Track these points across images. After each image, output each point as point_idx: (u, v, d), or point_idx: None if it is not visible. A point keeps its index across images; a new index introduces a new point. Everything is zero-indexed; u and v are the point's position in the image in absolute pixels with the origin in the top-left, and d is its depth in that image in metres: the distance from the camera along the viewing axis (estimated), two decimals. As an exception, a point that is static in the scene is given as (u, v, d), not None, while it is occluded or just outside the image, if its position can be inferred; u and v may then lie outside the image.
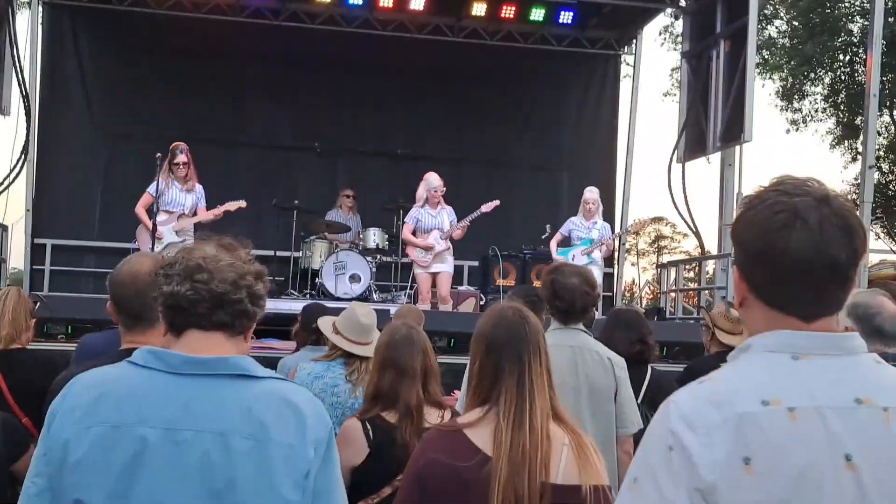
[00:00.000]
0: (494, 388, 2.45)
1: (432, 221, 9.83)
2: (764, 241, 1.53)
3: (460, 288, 11.40)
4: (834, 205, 1.53)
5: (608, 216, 11.62)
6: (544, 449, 2.36)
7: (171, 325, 1.95)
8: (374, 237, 11.06)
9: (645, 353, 4.71)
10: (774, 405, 1.48)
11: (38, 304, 5.11)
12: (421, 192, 9.90)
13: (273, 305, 9.41)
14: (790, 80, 21.16)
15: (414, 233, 9.88)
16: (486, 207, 9.98)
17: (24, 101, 11.15)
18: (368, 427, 3.31)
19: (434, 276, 9.88)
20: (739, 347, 1.64)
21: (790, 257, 1.51)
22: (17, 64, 10.97)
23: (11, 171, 10.75)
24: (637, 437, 3.73)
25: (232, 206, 9.42)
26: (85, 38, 12.91)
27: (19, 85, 11.07)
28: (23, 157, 10.99)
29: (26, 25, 12.04)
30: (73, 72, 12.82)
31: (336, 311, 4.57)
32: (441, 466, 2.37)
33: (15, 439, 3.35)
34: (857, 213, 1.60)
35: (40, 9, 12.56)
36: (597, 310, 10.41)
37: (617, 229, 12.46)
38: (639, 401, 4.26)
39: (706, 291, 12.41)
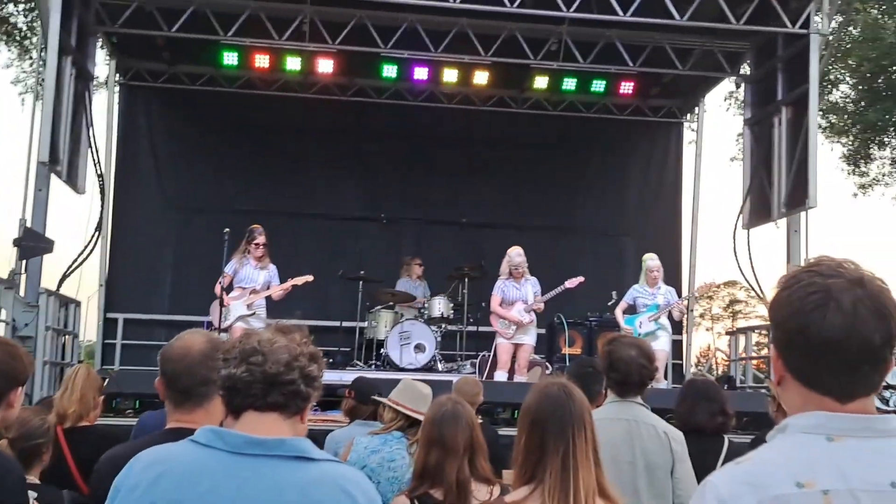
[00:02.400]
0: (539, 465, 2.44)
1: (516, 293, 9.88)
2: (798, 321, 1.54)
3: (526, 358, 11.33)
4: (868, 287, 1.53)
5: (674, 282, 11.51)
6: (590, 528, 2.33)
7: (229, 407, 2.02)
8: (440, 306, 11.10)
9: (725, 425, 4.60)
10: (808, 487, 1.47)
11: (107, 380, 5.24)
12: (504, 266, 9.97)
13: (338, 377, 9.56)
14: (856, 144, 20.84)
15: (500, 305, 9.93)
16: (571, 283, 10.00)
17: (99, 180, 11.56)
18: (416, 504, 3.31)
19: (516, 346, 9.88)
20: (777, 427, 1.63)
21: (823, 339, 1.51)
22: (93, 144, 11.41)
23: (85, 248, 11.10)
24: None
25: (299, 280, 9.67)
26: (158, 116, 13.45)
27: (95, 165, 11.49)
28: (97, 233, 11.35)
29: (103, 106, 12.60)
30: (146, 149, 13.33)
31: (392, 382, 4.60)
32: (489, 545, 2.37)
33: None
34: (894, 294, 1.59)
35: (116, 89, 13.14)
36: (664, 379, 10.31)
37: (684, 294, 12.30)
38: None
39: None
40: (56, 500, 3.34)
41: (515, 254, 9.93)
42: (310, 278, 9.77)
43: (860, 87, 19.98)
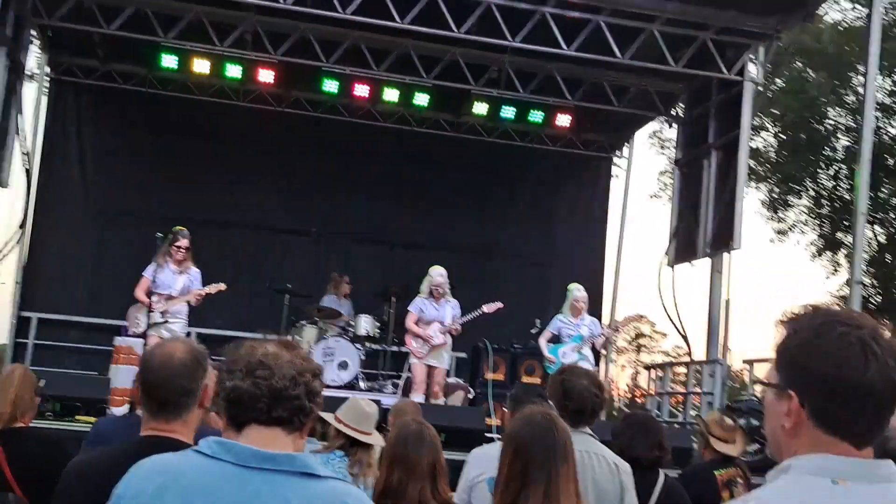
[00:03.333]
0: (522, 492, 2.47)
1: (435, 314, 9.85)
2: (842, 371, 1.57)
3: (449, 380, 11.34)
4: (882, 336, 1.61)
5: (596, 313, 11.71)
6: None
7: (231, 420, 1.99)
8: (366, 325, 11.07)
9: (661, 459, 4.69)
10: None
11: (42, 380, 5.06)
12: (424, 285, 9.95)
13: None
14: (776, 190, 21.67)
15: (416, 322, 9.89)
16: (489, 308, 10.02)
17: (26, 175, 11.21)
18: (377, 526, 3.30)
19: (430, 369, 9.87)
20: (779, 468, 1.65)
21: (865, 387, 1.56)
22: (21, 137, 11.07)
23: (6, 244, 10.73)
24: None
25: (212, 288, 9.16)
26: (87, 113, 13.12)
27: (23, 158, 11.14)
28: (21, 230, 11.00)
29: (32, 98, 12.23)
30: (73, 147, 12.99)
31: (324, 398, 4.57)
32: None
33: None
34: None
35: (46, 82, 12.77)
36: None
37: (604, 327, 12.52)
38: (651, 507, 4.24)
39: (694, 396, 12.43)
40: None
41: (437, 274, 9.91)
42: (222, 287, 9.26)
43: (782, 137, 20.79)
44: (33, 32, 11.54)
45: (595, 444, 4.05)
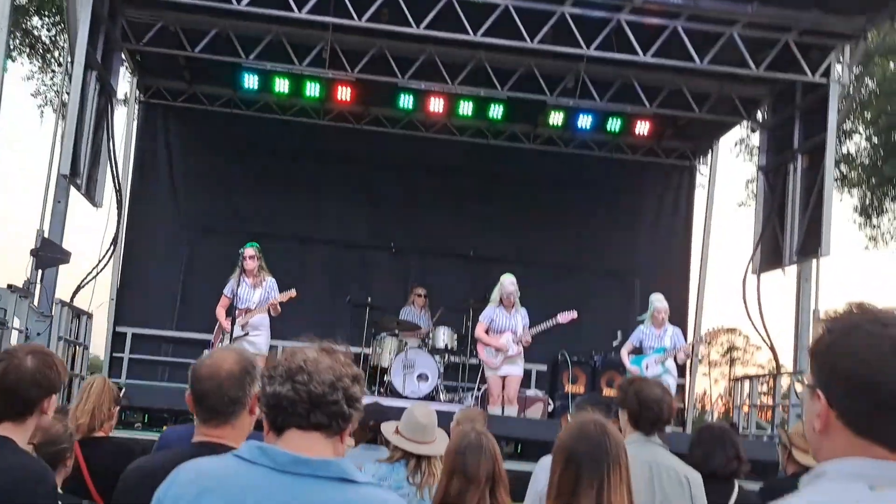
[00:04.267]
0: (573, 501, 2.44)
1: (506, 323, 9.83)
2: (868, 371, 1.52)
3: (528, 392, 11.31)
4: None
5: (680, 324, 11.51)
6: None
7: (272, 425, 2.02)
8: (444, 337, 11.12)
9: (738, 470, 4.62)
10: None
11: (123, 391, 5.24)
12: (495, 293, 9.96)
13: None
14: (869, 196, 20.90)
15: (487, 332, 9.89)
16: (563, 318, 9.93)
17: (116, 195, 11.62)
18: (437, 534, 3.31)
19: (504, 378, 9.83)
20: (813, 473, 1.60)
21: (893, 389, 1.50)
22: (113, 158, 11.49)
23: (100, 261, 11.14)
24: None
25: (283, 296, 9.30)
26: (175, 135, 13.56)
27: (113, 179, 11.56)
28: (112, 247, 11.40)
29: (122, 121, 12.70)
30: (163, 166, 13.44)
31: (400, 410, 4.62)
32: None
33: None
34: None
35: (136, 106, 13.25)
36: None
37: (690, 338, 12.28)
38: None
39: (780, 408, 12.09)
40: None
41: (508, 282, 9.88)
42: (293, 293, 9.37)
43: (875, 141, 20.08)
44: (123, 57, 11.96)
45: (666, 455, 3.99)
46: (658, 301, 10.17)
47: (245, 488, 1.91)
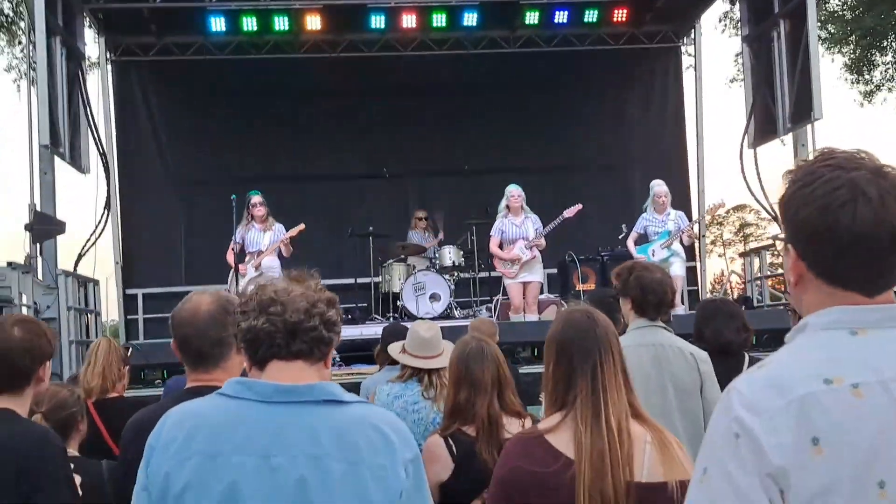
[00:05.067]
0: (570, 392, 2.44)
1: (517, 231, 9.88)
2: (826, 218, 1.49)
3: (541, 297, 11.34)
4: (889, 178, 1.50)
5: (684, 207, 11.49)
6: (625, 448, 2.34)
7: (253, 359, 2.02)
8: (450, 255, 11.14)
9: (747, 341, 4.67)
10: (837, 384, 1.45)
11: (130, 350, 5.28)
12: (502, 203, 9.99)
13: (358, 331, 9.66)
14: (857, 52, 20.52)
15: (500, 245, 9.92)
16: (569, 213, 10.00)
17: (101, 159, 11.54)
18: (451, 443, 3.35)
19: (524, 285, 9.89)
20: (795, 328, 1.60)
21: (854, 233, 1.47)
22: (92, 123, 11.37)
23: (97, 227, 11.13)
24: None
25: (293, 232, 9.81)
26: (152, 90, 13.35)
27: (96, 144, 11.46)
28: (106, 212, 11.37)
29: (97, 85, 12.53)
30: (145, 124, 13.28)
31: (418, 328, 4.65)
32: (524, 473, 2.38)
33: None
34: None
35: (109, 67, 13.05)
36: (681, 305, 10.33)
37: (694, 217, 12.23)
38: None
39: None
40: (96, 471, 3.38)
41: (510, 189, 9.97)
42: (302, 227, 9.90)
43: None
44: (85, 18, 11.73)
45: (669, 336, 4.01)
46: (658, 185, 10.16)
47: (234, 423, 1.92)
